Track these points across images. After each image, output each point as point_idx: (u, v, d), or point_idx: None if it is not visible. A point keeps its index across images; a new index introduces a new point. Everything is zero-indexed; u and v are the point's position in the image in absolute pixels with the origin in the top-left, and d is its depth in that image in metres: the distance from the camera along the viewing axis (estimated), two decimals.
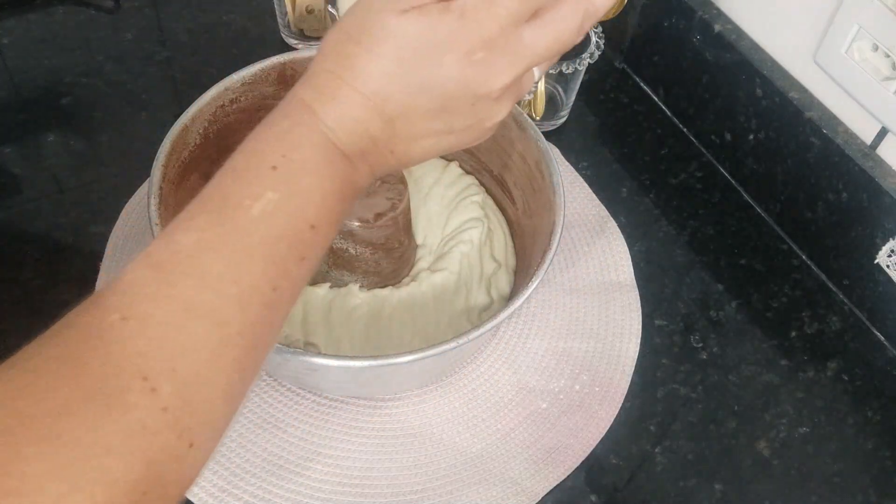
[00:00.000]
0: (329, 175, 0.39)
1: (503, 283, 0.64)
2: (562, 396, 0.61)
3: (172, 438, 0.32)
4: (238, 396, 0.37)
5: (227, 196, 0.37)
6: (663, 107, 0.81)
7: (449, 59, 0.39)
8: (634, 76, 0.83)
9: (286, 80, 0.65)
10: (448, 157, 0.69)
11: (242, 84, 0.63)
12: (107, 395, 0.32)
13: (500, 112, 0.42)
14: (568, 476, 0.58)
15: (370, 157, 0.41)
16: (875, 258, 0.64)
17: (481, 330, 0.52)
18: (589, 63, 0.71)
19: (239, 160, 0.39)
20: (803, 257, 0.71)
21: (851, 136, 0.65)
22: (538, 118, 0.76)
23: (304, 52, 0.65)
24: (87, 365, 0.32)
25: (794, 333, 0.67)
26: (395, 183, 0.59)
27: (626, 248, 0.70)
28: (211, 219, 0.37)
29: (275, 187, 0.37)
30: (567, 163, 0.75)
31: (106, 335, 0.33)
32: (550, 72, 0.72)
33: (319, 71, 0.40)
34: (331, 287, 0.60)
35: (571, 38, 0.41)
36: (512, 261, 0.66)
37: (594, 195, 0.73)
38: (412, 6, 0.38)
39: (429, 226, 0.66)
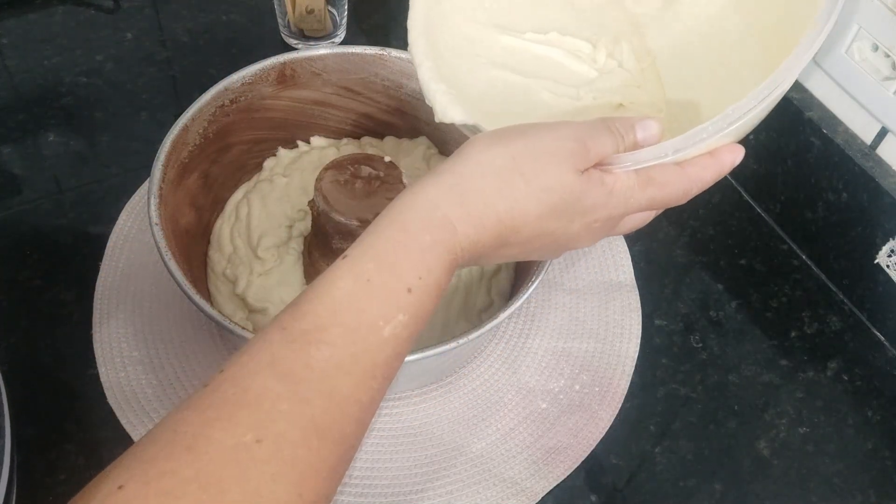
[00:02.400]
0: (445, 290, 0.41)
1: (503, 283, 0.64)
2: (562, 396, 0.61)
3: None
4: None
5: (361, 312, 0.37)
6: None
7: (579, 220, 0.43)
8: None
9: (286, 80, 0.65)
10: (450, 155, 0.69)
11: (242, 84, 0.63)
12: None
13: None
14: (568, 476, 0.58)
15: (465, 263, 0.42)
16: (875, 258, 0.64)
17: (481, 330, 0.52)
18: None
19: (373, 270, 0.38)
20: (803, 257, 0.71)
21: (851, 136, 0.65)
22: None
23: (304, 51, 0.65)
24: (227, 492, 0.32)
25: (794, 333, 0.67)
26: (394, 183, 0.59)
27: (626, 248, 0.70)
28: (344, 335, 0.37)
29: (406, 310, 0.38)
30: None
31: (242, 457, 0.33)
32: None
33: (473, 189, 0.40)
34: None
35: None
36: (512, 261, 0.66)
37: None
38: (584, 168, 0.42)
39: None
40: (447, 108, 0.48)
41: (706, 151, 0.44)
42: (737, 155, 0.45)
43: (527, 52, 0.56)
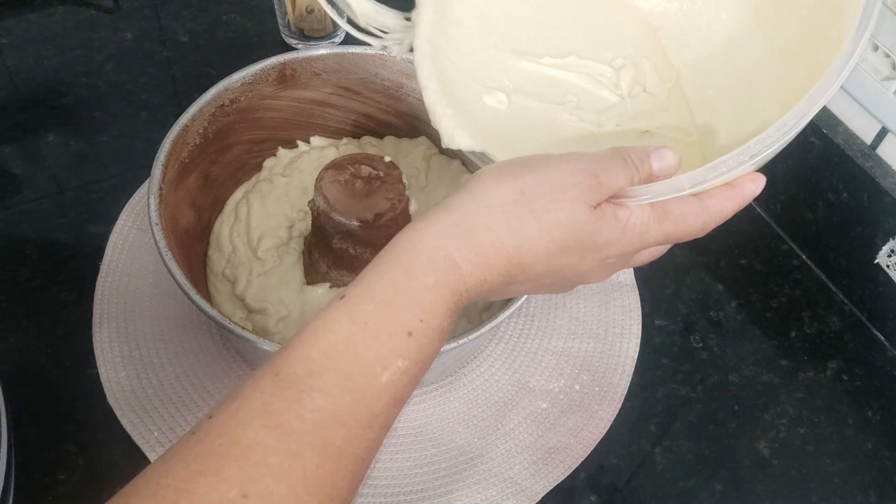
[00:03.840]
0: (448, 332, 0.39)
1: None
2: (562, 396, 0.61)
3: None
4: None
5: (358, 356, 0.35)
6: None
7: (592, 256, 0.41)
8: None
9: (286, 80, 0.65)
10: (451, 155, 0.69)
11: (242, 84, 0.63)
12: None
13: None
14: (568, 476, 0.58)
15: (469, 301, 0.40)
16: (875, 258, 0.64)
17: (481, 330, 0.52)
18: None
19: (371, 312, 0.36)
20: (803, 257, 0.71)
21: (851, 136, 0.65)
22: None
23: (304, 51, 0.65)
24: None
25: (794, 333, 0.67)
26: (394, 183, 0.59)
27: None
28: (340, 382, 0.35)
29: (406, 355, 0.36)
30: None
31: None
32: None
33: (479, 226, 0.38)
34: (330, 287, 0.60)
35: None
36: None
37: None
38: (597, 203, 0.40)
39: None
40: (454, 134, 0.47)
41: (725, 182, 0.42)
42: (758, 184, 0.43)
43: (544, 76, 0.53)
